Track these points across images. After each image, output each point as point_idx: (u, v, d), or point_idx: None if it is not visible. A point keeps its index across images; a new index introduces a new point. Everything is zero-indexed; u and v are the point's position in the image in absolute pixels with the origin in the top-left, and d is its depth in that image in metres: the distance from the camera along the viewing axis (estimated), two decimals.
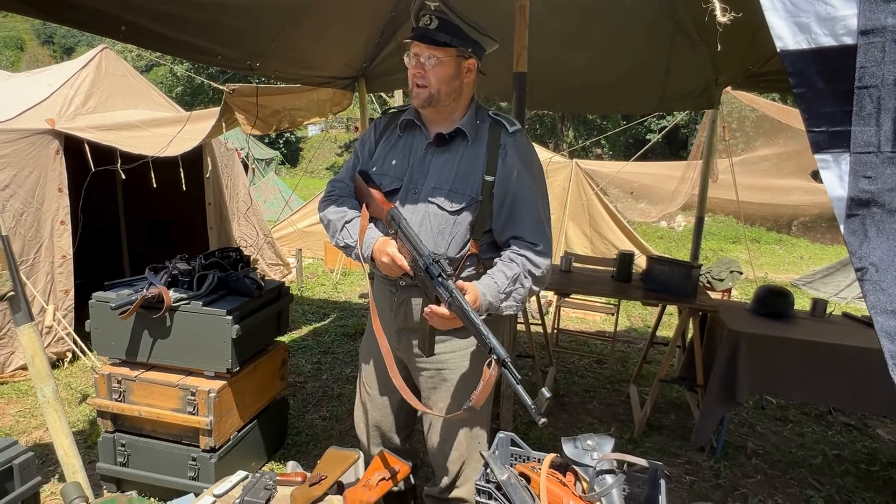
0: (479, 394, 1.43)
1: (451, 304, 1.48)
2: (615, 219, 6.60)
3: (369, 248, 1.68)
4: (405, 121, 1.77)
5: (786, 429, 3.44)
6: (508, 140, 1.69)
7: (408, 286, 1.75)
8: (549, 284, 3.45)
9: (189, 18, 2.50)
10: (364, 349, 2.03)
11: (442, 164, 1.70)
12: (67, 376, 3.74)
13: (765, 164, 5.64)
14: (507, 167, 1.67)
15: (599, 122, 21.62)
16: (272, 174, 13.49)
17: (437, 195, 1.67)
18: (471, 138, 1.70)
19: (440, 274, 1.51)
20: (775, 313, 3.12)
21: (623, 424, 3.38)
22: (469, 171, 1.68)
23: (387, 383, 1.90)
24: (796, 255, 10.43)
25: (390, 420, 2.01)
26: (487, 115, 1.75)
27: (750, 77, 3.77)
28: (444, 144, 1.71)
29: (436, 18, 1.59)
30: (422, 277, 1.57)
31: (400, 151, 1.77)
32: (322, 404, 3.48)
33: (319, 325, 5.02)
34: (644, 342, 4.97)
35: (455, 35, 1.60)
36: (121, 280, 2.50)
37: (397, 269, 1.63)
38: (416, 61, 1.64)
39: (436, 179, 1.69)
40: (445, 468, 1.92)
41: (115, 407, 2.37)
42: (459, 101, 1.71)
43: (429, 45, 1.60)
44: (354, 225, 1.73)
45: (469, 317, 1.46)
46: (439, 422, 1.88)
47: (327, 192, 1.86)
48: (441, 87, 1.64)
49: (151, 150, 3.79)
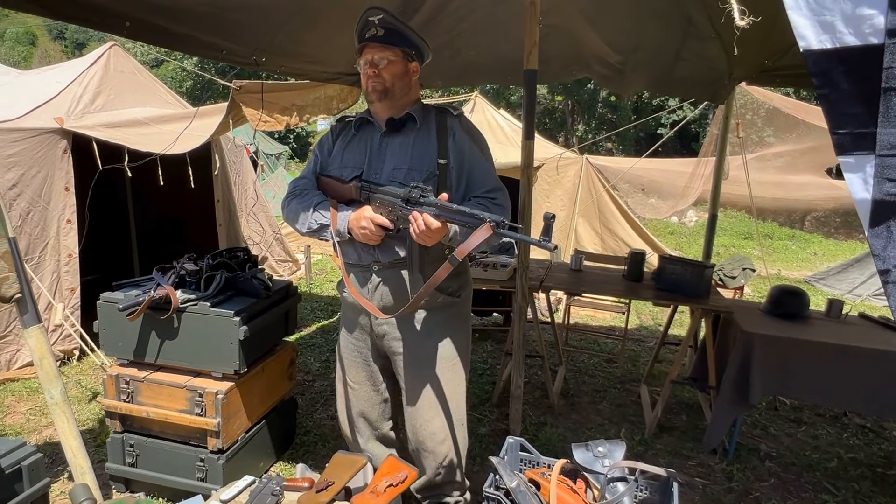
0: (463, 247, 1.49)
1: (440, 213, 1.57)
2: (626, 215, 6.52)
3: (344, 222, 1.80)
4: (360, 119, 1.94)
5: (800, 430, 3.39)
6: (454, 122, 1.90)
7: (382, 269, 1.87)
8: (559, 284, 3.44)
9: (191, 12, 2.47)
10: (341, 346, 2.12)
11: (397, 148, 1.86)
12: (77, 374, 3.76)
13: (779, 160, 5.55)
14: (457, 143, 1.86)
15: (609, 116, 21.45)
16: (281, 169, 13.49)
17: (397, 176, 1.81)
18: (419, 122, 1.87)
19: (421, 195, 1.62)
20: (790, 314, 3.06)
21: (633, 425, 3.35)
22: (423, 152, 1.84)
23: (372, 376, 2.06)
24: (809, 251, 10.30)
25: (377, 410, 2.11)
26: (432, 107, 1.95)
27: (765, 72, 3.69)
28: (396, 131, 1.87)
29: (381, 28, 1.78)
30: (404, 215, 1.66)
31: (356, 146, 1.93)
32: (331, 403, 3.46)
33: (328, 322, 5.02)
34: (655, 340, 4.93)
35: (401, 39, 1.81)
36: (128, 280, 2.49)
37: (377, 231, 1.74)
38: (370, 64, 1.81)
39: (394, 162, 1.84)
40: (432, 451, 1.99)
41: (124, 408, 2.37)
42: (408, 97, 1.90)
43: (381, 46, 1.79)
44: (325, 206, 1.86)
45: (456, 209, 1.54)
46: (419, 399, 1.97)
47: (290, 191, 1.99)
48: (395, 81, 1.83)
49: (159, 147, 3.79)
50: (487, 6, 3.39)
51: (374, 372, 2.06)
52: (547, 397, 3.57)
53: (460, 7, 3.40)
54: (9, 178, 3.51)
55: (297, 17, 3.04)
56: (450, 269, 1.57)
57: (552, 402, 3.46)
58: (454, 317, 2.00)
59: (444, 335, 1.97)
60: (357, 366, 2.07)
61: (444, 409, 1.98)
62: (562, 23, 3.28)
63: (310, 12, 3.04)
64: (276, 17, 2.99)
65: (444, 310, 1.97)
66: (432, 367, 1.95)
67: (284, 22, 3.04)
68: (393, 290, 1.88)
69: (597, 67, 4.02)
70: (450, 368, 1.99)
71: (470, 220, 1.51)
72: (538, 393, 3.68)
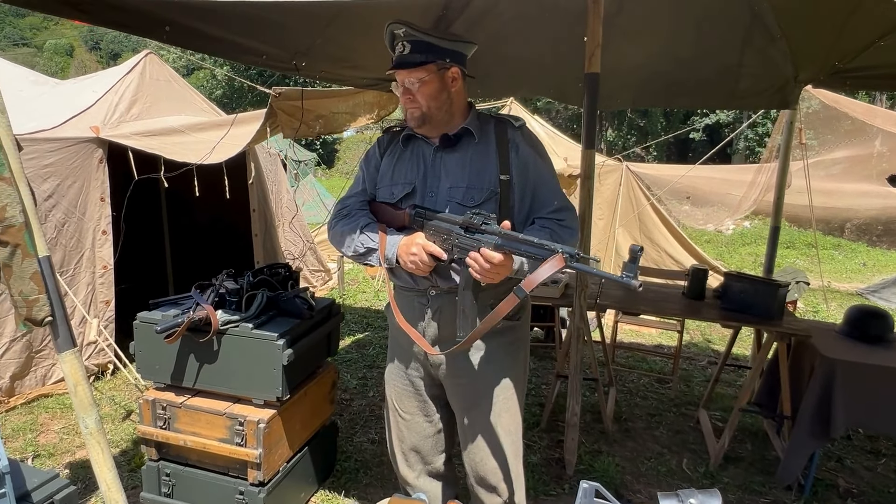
0: (531, 279, 1.33)
1: (503, 244, 1.40)
2: (668, 225, 6.25)
3: (394, 247, 1.64)
4: (407, 135, 1.77)
5: (879, 464, 3.10)
6: (516, 134, 1.71)
7: (439, 294, 1.70)
8: (615, 302, 3.22)
9: (233, 15, 2.34)
10: (391, 374, 1.95)
11: (453, 165, 1.70)
12: (111, 389, 3.67)
13: (836, 167, 5.23)
14: (521, 159, 1.69)
15: (639, 122, 21.05)
16: (310, 176, 13.47)
17: (455, 195, 1.66)
18: (477, 136, 1.70)
19: (483, 222, 1.46)
20: (873, 337, 2.80)
21: (695, 455, 3.10)
22: (482, 167, 1.67)
23: (425, 406, 1.88)
24: (857, 261, 9.84)
25: (429, 443, 1.93)
26: (490, 117, 1.77)
27: (835, 74, 3.42)
28: (451, 146, 1.70)
29: (407, 43, 1.63)
30: (462, 244, 1.51)
31: (408, 161, 1.76)
32: (370, 425, 3.30)
33: (362, 336, 4.86)
34: (706, 358, 4.66)
35: (429, 52, 1.62)
36: (166, 298, 2.36)
37: (427, 262, 1.58)
38: (403, 88, 1.67)
39: (451, 180, 1.68)
40: (494, 487, 1.83)
41: (160, 435, 2.23)
42: (452, 110, 1.71)
43: (408, 70, 1.63)
44: (373, 228, 1.71)
45: (522, 238, 1.38)
46: (478, 434, 1.80)
47: (336, 210, 1.84)
48: (430, 104, 1.66)
49: (195, 156, 3.69)
50: (536, 11, 3.22)
51: (427, 402, 1.89)
52: (599, 421, 3.35)
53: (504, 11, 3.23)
54: (45, 188, 3.44)
55: (340, 20, 2.90)
56: (514, 303, 1.40)
57: (606, 427, 3.23)
58: (514, 342, 1.82)
59: (504, 362, 1.80)
60: (409, 396, 1.90)
61: (505, 442, 1.81)
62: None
63: (352, 15, 2.90)
64: (319, 20, 2.86)
65: (503, 335, 1.79)
66: (492, 398, 1.78)
67: (327, 24, 2.91)
68: (453, 318, 1.69)
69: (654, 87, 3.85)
70: (510, 398, 1.81)
71: (539, 252, 1.34)
72: (589, 416, 3.46)
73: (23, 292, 1.67)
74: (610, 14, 2.93)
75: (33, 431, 3.14)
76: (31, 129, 3.54)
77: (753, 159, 16.69)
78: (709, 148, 18.53)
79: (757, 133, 17.39)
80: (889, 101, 14.18)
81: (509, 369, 1.81)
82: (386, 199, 1.76)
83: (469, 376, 1.78)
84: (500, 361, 1.80)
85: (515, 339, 1.84)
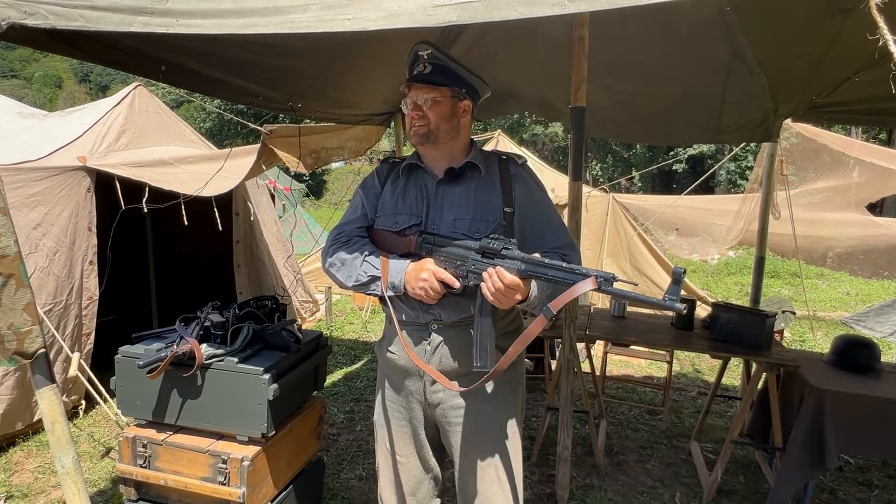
0: (560, 299, 1.33)
1: (527, 269, 1.39)
2: (655, 255, 6.30)
3: (400, 273, 1.59)
4: (408, 164, 1.76)
5: (872, 495, 3.08)
6: (518, 170, 1.73)
7: (441, 328, 1.66)
8: (604, 332, 3.21)
9: (231, 58, 2.36)
10: (386, 413, 1.86)
11: (457, 197, 1.68)
12: (90, 425, 3.56)
13: (817, 196, 5.34)
14: (523, 192, 1.69)
15: (623, 154, 21.41)
16: (298, 207, 13.46)
17: (460, 226, 1.64)
18: (483, 170, 1.70)
19: (504, 247, 1.45)
20: (860, 367, 2.81)
21: (688, 488, 3.06)
22: (487, 200, 1.67)
23: (422, 448, 1.81)
24: (841, 290, 9.96)
25: (425, 486, 1.86)
26: (493, 153, 1.79)
27: (813, 108, 3.52)
28: (454, 179, 1.70)
29: (429, 64, 1.64)
30: (477, 270, 1.48)
31: (411, 191, 1.74)
32: (357, 461, 3.22)
33: (350, 368, 4.79)
34: (696, 389, 4.65)
35: (448, 76, 1.64)
36: (149, 332, 2.31)
37: (437, 290, 1.54)
38: (414, 104, 1.66)
39: (455, 212, 1.67)
40: None
41: (140, 474, 2.16)
42: (457, 141, 1.71)
43: (426, 87, 1.63)
44: (376, 256, 1.66)
45: (549, 263, 1.38)
46: (478, 478, 1.74)
47: (335, 236, 1.77)
48: (440, 123, 1.65)
49: (183, 186, 3.66)
50: (525, 44, 3.29)
51: (424, 445, 1.82)
52: (590, 454, 3.31)
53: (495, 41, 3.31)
54: (33, 217, 3.39)
55: (339, 62, 2.94)
56: (542, 324, 1.37)
57: (597, 461, 3.19)
58: (514, 378, 1.79)
59: (504, 399, 1.75)
60: (405, 437, 1.82)
61: (507, 484, 1.74)
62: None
63: (352, 54, 2.94)
64: (316, 63, 2.89)
65: (504, 371, 1.73)
66: (493, 438, 1.72)
67: (324, 67, 2.94)
68: (456, 351, 1.65)
69: (636, 126, 3.94)
70: (511, 436, 1.77)
71: (569, 277, 1.34)
72: (580, 449, 3.41)
73: (14, 324, 1.61)
74: (594, 51, 3.00)
75: (7, 471, 3.03)
76: (16, 160, 3.51)
77: (735, 190, 16.99)
78: (692, 179, 18.85)
79: (739, 166, 17.76)
80: (865, 134, 14.59)
81: (510, 407, 1.77)
82: (389, 228, 1.72)
83: (471, 415, 1.72)
84: (502, 398, 1.75)
85: (515, 374, 1.80)
